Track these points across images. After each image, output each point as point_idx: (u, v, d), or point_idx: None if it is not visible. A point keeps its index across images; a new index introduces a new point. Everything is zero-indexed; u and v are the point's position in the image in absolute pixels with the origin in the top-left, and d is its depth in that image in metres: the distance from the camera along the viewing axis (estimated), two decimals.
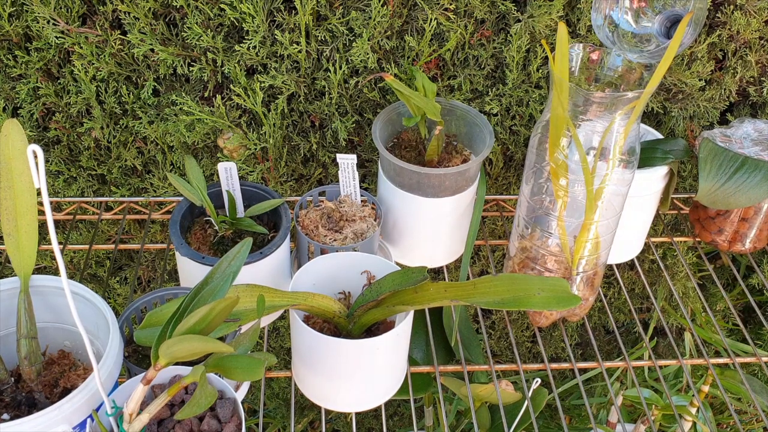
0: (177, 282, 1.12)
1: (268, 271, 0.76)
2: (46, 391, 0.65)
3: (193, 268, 0.74)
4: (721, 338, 0.87)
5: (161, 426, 0.59)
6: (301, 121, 0.96)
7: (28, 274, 0.64)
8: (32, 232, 0.63)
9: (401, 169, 0.79)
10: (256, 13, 0.84)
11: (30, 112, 0.94)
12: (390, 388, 0.73)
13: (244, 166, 0.96)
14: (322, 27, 0.88)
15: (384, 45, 0.89)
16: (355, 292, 0.74)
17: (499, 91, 0.94)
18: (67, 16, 0.86)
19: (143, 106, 0.94)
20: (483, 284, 0.65)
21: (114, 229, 1.05)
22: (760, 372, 1.22)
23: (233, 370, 0.53)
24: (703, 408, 0.89)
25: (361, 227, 0.79)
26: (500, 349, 1.28)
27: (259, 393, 0.88)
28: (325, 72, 0.91)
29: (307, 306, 0.66)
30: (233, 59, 0.89)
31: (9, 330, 0.67)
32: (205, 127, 0.92)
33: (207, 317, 0.50)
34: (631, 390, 1.09)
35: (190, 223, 0.81)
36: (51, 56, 0.90)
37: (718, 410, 1.24)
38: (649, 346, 0.85)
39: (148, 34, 0.87)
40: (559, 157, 0.71)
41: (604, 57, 0.71)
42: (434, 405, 1.08)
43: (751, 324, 1.27)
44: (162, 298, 0.72)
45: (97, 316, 0.64)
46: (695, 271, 1.22)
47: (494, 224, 1.11)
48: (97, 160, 0.99)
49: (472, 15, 0.89)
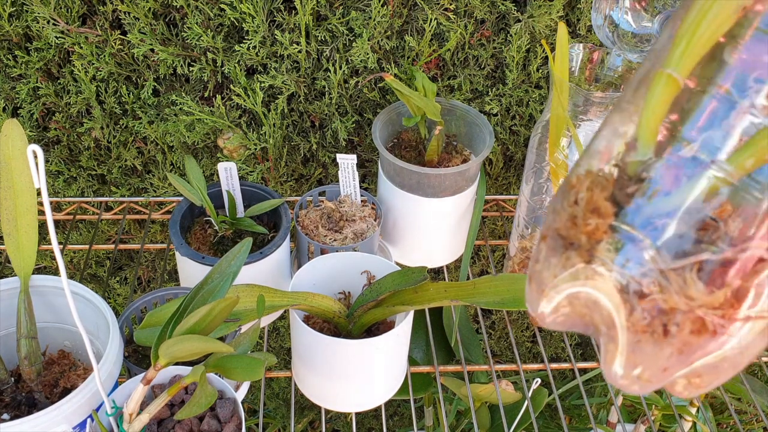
0: (177, 282, 1.12)
1: (268, 271, 0.76)
2: (46, 391, 0.65)
3: (193, 268, 0.74)
4: None
5: (161, 426, 0.59)
6: (301, 121, 0.96)
7: (28, 274, 0.64)
8: (32, 232, 0.63)
9: (401, 169, 0.79)
10: (256, 13, 0.84)
11: (30, 112, 0.94)
12: (390, 388, 0.73)
13: (244, 166, 0.96)
14: (322, 27, 0.88)
15: (384, 45, 0.89)
16: (355, 292, 0.74)
17: (499, 91, 0.94)
18: (67, 16, 0.86)
19: (143, 106, 0.94)
20: (483, 284, 0.65)
21: (114, 229, 1.05)
22: (760, 372, 1.22)
23: (233, 370, 0.53)
24: (703, 408, 0.89)
25: (361, 227, 0.79)
26: (500, 349, 1.28)
27: (259, 393, 0.88)
28: (325, 72, 0.91)
29: (307, 306, 0.66)
30: (233, 59, 0.89)
31: (9, 330, 0.67)
32: (205, 127, 0.92)
33: (207, 317, 0.50)
34: None
35: (190, 223, 0.81)
36: (51, 56, 0.90)
37: (718, 410, 1.24)
38: None
39: (148, 34, 0.87)
40: (559, 157, 0.71)
41: (604, 57, 0.71)
42: (434, 405, 1.08)
43: None
44: (162, 298, 0.72)
45: (97, 316, 0.64)
46: None
47: (494, 224, 1.11)
48: (97, 160, 0.99)
49: (472, 15, 0.89)
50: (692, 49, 0.23)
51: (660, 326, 0.24)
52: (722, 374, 0.25)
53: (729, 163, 0.23)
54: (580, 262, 0.26)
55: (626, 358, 0.25)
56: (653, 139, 0.24)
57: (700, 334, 0.24)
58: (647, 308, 0.24)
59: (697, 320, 0.23)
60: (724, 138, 0.23)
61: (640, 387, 0.26)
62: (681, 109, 0.24)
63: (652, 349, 0.24)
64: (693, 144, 0.24)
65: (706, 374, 0.25)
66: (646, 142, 0.24)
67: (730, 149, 0.23)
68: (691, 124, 0.24)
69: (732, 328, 0.23)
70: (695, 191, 0.23)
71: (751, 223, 0.23)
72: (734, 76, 0.23)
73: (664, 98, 0.24)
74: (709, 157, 0.23)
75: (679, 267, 0.24)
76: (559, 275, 0.27)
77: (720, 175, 0.23)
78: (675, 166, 0.24)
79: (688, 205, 0.23)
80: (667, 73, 0.23)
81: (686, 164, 0.24)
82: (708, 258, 0.23)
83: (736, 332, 0.24)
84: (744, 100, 0.22)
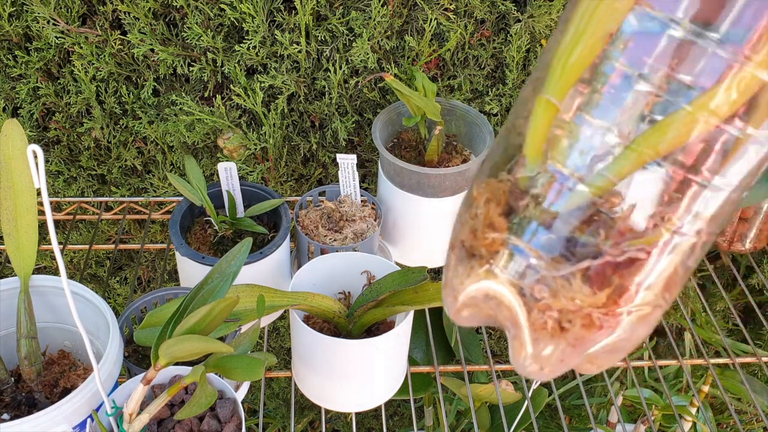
0: (177, 282, 1.12)
1: (268, 271, 0.76)
2: (46, 391, 0.65)
3: (193, 268, 0.74)
4: (721, 338, 0.87)
5: (161, 426, 0.59)
6: (301, 121, 0.96)
7: (28, 274, 0.64)
8: (32, 232, 0.63)
9: (401, 169, 0.79)
10: (256, 13, 0.84)
11: (30, 112, 0.94)
12: (390, 388, 0.73)
13: (244, 166, 0.96)
14: (322, 27, 0.88)
15: (384, 45, 0.89)
16: (355, 292, 0.74)
17: (499, 91, 0.94)
18: (67, 16, 0.86)
19: (143, 106, 0.94)
20: None
21: (114, 229, 1.05)
22: (760, 372, 1.22)
23: (233, 370, 0.53)
24: (703, 408, 0.89)
25: (361, 227, 0.79)
26: (500, 349, 1.28)
27: (259, 393, 0.88)
28: (325, 72, 0.91)
29: (307, 306, 0.66)
30: (233, 59, 0.89)
31: (9, 330, 0.67)
32: (205, 127, 0.92)
33: (207, 317, 0.50)
34: (631, 390, 1.09)
35: (190, 223, 0.81)
36: (51, 56, 0.90)
37: (718, 410, 1.24)
38: (649, 346, 0.85)
39: (148, 34, 0.87)
40: None
41: None
42: (434, 405, 1.08)
43: (751, 324, 1.26)
44: (162, 298, 0.72)
45: (97, 316, 0.64)
46: (695, 271, 1.22)
47: None
48: (97, 160, 0.99)
49: (472, 15, 0.89)
50: (566, 77, 0.26)
51: (555, 324, 0.28)
52: (616, 355, 0.30)
53: (598, 176, 0.26)
54: (482, 271, 0.30)
55: (532, 351, 0.29)
56: (539, 157, 0.27)
57: (590, 329, 0.27)
58: (542, 309, 0.28)
59: (586, 317, 0.27)
60: (588, 156, 0.26)
61: (545, 375, 0.30)
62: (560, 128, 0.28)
63: (551, 343, 0.28)
64: (568, 161, 0.27)
65: (601, 358, 0.29)
66: (533, 159, 0.28)
67: (600, 166, 0.26)
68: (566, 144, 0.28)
69: (616, 322, 0.27)
70: (574, 203, 0.27)
71: (626, 227, 0.26)
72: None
73: (545, 121, 0.27)
74: (578, 173, 0.26)
75: (566, 274, 0.27)
76: (465, 282, 0.31)
77: (590, 190, 0.26)
78: (557, 181, 0.27)
79: (569, 216, 0.27)
80: (545, 98, 0.26)
81: (562, 178, 0.27)
82: (589, 265, 0.27)
83: (620, 325, 0.28)
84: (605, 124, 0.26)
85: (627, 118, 0.25)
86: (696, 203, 0.26)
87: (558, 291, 0.27)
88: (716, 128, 0.24)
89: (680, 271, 0.27)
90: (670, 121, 0.24)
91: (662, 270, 0.27)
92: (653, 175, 0.25)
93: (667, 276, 0.27)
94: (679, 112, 0.24)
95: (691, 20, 0.23)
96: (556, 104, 0.26)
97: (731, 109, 0.24)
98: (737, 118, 0.24)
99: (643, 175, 0.25)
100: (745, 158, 0.25)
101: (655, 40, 0.24)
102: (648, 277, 0.27)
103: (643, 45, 0.24)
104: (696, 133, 0.24)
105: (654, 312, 0.28)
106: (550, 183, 0.27)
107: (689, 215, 0.26)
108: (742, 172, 0.25)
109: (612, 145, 0.25)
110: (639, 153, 0.25)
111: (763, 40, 0.22)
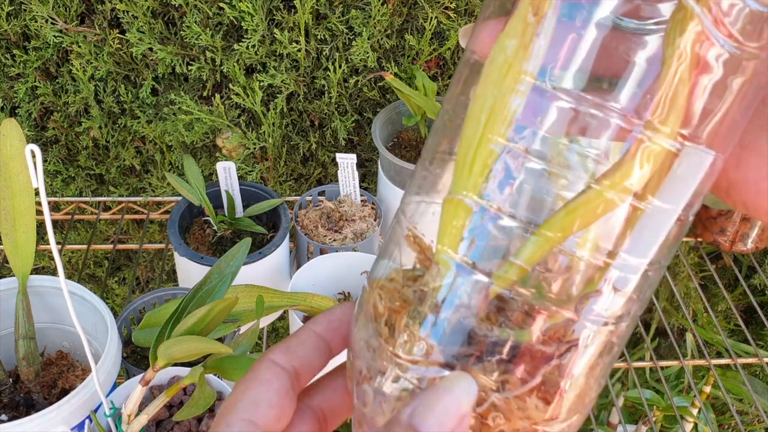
0: (176, 282, 1.12)
1: (267, 272, 0.75)
2: (44, 391, 0.65)
3: (192, 269, 0.74)
4: (722, 339, 0.87)
5: (160, 427, 0.58)
6: (301, 121, 0.95)
7: (26, 275, 0.63)
8: (30, 232, 0.63)
9: (401, 169, 0.78)
10: (255, 12, 0.84)
11: (28, 112, 0.93)
12: None
13: (243, 166, 0.96)
14: (321, 26, 0.87)
15: (384, 44, 0.89)
16: (354, 292, 0.74)
17: None
18: (65, 15, 0.86)
19: (142, 105, 0.94)
20: None
21: (112, 229, 1.05)
22: (762, 373, 1.21)
23: (232, 371, 0.53)
24: (705, 409, 0.89)
25: (361, 227, 0.79)
26: None
27: None
28: (324, 71, 0.90)
29: (306, 306, 0.66)
30: (232, 58, 0.88)
31: (7, 330, 0.66)
32: (204, 126, 0.92)
33: (206, 318, 0.50)
34: (632, 391, 1.09)
35: (189, 223, 0.81)
36: (49, 55, 0.90)
37: (720, 411, 1.23)
38: (651, 347, 0.85)
39: (146, 33, 0.86)
40: None
41: None
42: None
43: (753, 324, 1.26)
44: (160, 298, 0.72)
45: (96, 317, 0.64)
46: (697, 272, 1.22)
47: None
48: (95, 160, 0.99)
49: (473, 13, 0.88)
50: (476, 174, 0.24)
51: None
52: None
53: (501, 274, 0.24)
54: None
55: None
56: (449, 265, 0.25)
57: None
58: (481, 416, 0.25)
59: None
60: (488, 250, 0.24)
61: None
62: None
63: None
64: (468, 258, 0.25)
65: None
66: (445, 266, 0.25)
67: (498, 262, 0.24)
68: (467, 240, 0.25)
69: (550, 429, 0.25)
70: (475, 306, 0.24)
71: (555, 332, 0.24)
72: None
73: (460, 222, 0.24)
74: (486, 267, 0.24)
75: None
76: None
77: (499, 289, 0.24)
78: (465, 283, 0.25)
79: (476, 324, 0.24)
80: (457, 200, 0.24)
81: (472, 283, 0.24)
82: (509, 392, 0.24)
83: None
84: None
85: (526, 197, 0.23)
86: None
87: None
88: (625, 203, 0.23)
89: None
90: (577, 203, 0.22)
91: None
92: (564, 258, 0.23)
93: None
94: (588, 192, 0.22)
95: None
96: (472, 205, 0.24)
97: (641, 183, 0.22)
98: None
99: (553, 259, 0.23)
100: (655, 229, 0.23)
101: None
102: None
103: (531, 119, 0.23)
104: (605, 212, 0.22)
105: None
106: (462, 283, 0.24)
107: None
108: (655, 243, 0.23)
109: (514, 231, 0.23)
110: (546, 238, 0.23)
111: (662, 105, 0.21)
